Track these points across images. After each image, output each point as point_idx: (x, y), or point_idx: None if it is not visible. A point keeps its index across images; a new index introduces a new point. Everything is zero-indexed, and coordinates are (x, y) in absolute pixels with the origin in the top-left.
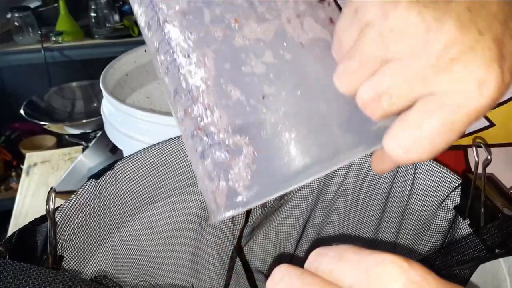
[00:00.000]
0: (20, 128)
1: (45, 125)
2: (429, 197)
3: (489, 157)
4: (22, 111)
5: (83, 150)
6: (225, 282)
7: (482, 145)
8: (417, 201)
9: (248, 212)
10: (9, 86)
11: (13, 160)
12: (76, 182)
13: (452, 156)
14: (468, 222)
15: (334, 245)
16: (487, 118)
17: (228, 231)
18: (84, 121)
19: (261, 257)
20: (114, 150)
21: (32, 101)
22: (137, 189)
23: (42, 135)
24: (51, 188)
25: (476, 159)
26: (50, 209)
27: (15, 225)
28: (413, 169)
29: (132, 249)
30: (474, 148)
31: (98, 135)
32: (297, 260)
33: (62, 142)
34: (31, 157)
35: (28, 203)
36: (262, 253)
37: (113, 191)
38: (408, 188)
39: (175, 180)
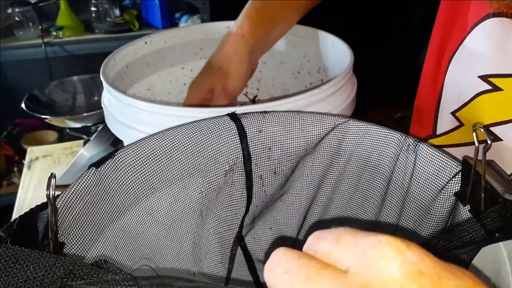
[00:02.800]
0: (22, 123)
1: (46, 118)
2: (430, 184)
3: (489, 142)
4: (23, 105)
5: (85, 144)
6: (226, 271)
7: (482, 129)
8: (417, 188)
9: (249, 201)
10: (10, 81)
11: (15, 155)
12: (78, 175)
13: None
14: (469, 207)
15: (333, 228)
16: (456, 118)
17: (229, 220)
18: (85, 114)
19: (262, 246)
20: (116, 143)
21: (33, 95)
22: (138, 178)
23: (43, 130)
24: (52, 173)
25: (477, 144)
26: (50, 195)
27: None
28: (414, 156)
29: (133, 238)
30: (474, 133)
31: (99, 128)
32: (298, 249)
33: (63, 137)
34: (32, 151)
35: (30, 197)
36: (263, 242)
37: (113, 180)
38: (409, 175)
39: (176, 168)
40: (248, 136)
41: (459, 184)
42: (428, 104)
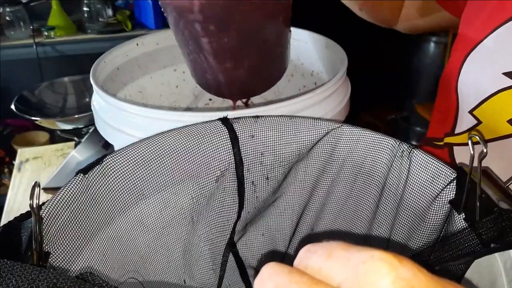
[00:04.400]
0: (13, 124)
1: (36, 120)
2: (424, 191)
3: (484, 150)
4: (13, 106)
5: (76, 145)
6: (218, 278)
7: (478, 138)
8: (411, 195)
9: (241, 207)
10: (0, 82)
11: (6, 156)
12: (68, 178)
13: (438, 155)
14: (464, 216)
15: (324, 242)
16: (474, 117)
17: (221, 226)
18: (76, 116)
19: (254, 253)
20: (107, 145)
21: (23, 96)
22: (127, 184)
23: (34, 131)
24: (35, 182)
25: (472, 152)
26: (34, 205)
27: (6, 221)
28: (408, 163)
29: (122, 245)
30: (470, 141)
31: (90, 130)
32: (290, 257)
33: (54, 138)
34: (23, 153)
35: (20, 199)
36: (255, 248)
37: (102, 186)
38: (403, 182)
39: (167, 174)
40: (240, 141)
41: (454, 192)
42: (447, 105)
